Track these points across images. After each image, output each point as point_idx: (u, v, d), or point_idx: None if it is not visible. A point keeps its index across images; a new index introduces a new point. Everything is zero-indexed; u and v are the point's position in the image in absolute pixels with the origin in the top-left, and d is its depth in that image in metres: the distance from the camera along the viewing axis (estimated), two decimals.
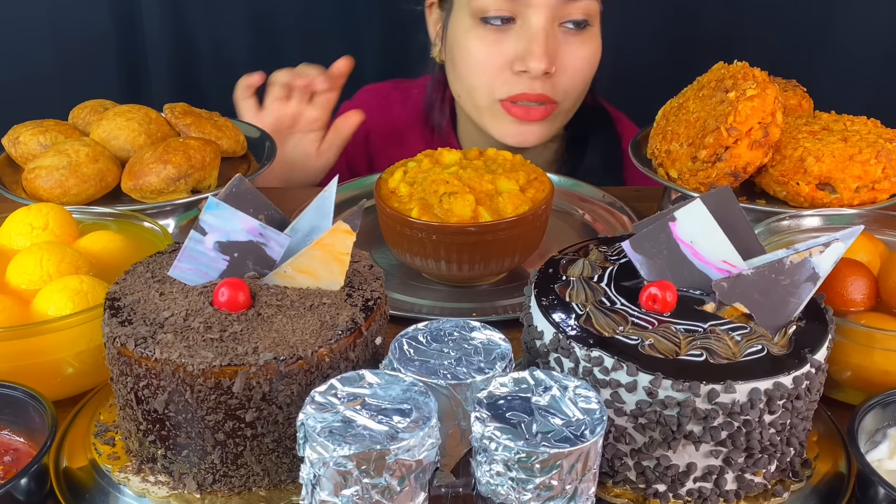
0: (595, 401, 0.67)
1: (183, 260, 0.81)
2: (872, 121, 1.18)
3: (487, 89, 1.41)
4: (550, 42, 1.35)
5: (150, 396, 0.75)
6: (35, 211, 1.05)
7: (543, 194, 1.12)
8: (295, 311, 0.78)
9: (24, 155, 1.25)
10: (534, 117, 1.41)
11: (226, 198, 0.82)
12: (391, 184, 1.13)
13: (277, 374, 0.73)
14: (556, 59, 1.36)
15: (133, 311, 0.78)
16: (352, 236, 0.79)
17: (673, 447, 0.74)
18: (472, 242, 1.07)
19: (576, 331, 0.77)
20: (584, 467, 0.64)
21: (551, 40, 1.36)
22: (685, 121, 1.18)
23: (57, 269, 0.96)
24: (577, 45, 1.38)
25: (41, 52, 1.93)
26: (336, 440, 0.62)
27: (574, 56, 1.39)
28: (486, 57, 1.39)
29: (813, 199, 1.11)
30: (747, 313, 0.78)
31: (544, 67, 1.34)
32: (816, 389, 0.76)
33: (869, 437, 0.83)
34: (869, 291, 0.93)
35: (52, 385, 0.90)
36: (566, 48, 1.38)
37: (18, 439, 0.83)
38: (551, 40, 1.36)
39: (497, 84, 1.40)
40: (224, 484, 0.77)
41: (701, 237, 0.80)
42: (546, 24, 1.35)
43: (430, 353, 0.74)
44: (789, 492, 0.79)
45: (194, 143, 1.20)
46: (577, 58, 1.39)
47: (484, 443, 0.64)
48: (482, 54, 1.39)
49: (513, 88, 1.39)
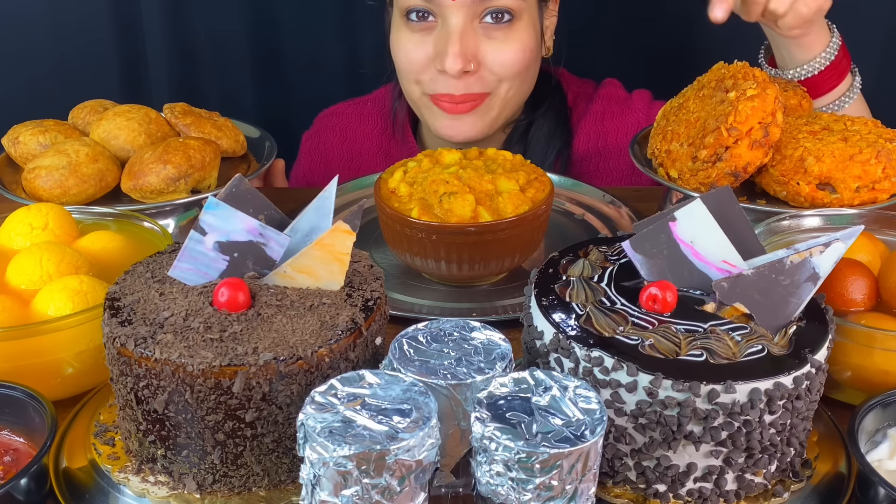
0: (595, 401, 0.67)
1: (183, 260, 0.81)
2: (873, 121, 1.18)
3: (417, 85, 1.43)
4: (468, 41, 1.35)
5: (149, 396, 0.75)
6: (35, 211, 1.05)
7: (543, 194, 1.12)
8: (295, 311, 0.78)
9: (23, 155, 1.25)
10: (461, 110, 1.42)
11: (226, 198, 0.82)
12: (391, 184, 1.13)
13: (277, 374, 0.73)
14: (477, 56, 1.37)
15: (133, 311, 0.78)
16: (352, 236, 0.79)
17: (673, 447, 0.74)
18: (472, 242, 1.07)
19: (576, 331, 0.77)
20: (584, 467, 0.64)
21: (469, 39, 1.35)
22: (685, 121, 1.18)
23: (57, 269, 0.96)
24: (500, 40, 1.38)
25: (41, 52, 1.93)
26: (336, 440, 0.62)
27: (499, 51, 1.38)
28: (412, 55, 1.41)
29: (813, 199, 1.11)
30: (747, 313, 0.78)
31: (459, 67, 1.35)
32: (817, 389, 0.76)
33: (869, 438, 0.83)
34: (869, 291, 0.93)
35: (52, 385, 0.90)
36: (490, 44, 1.37)
37: (18, 439, 0.83)
38: (469, 39, 1.35)
39: (424, 80, 1.42)
40: (224, 484, 0.77)
41: (701, 237, 0.80)
42: (464, 23, 1.35)
43: (430, 354, 0.74)
44: (789, 492, 0.79)
45: (194, 143, 1.20)
46: (503, 52, 1.38)
47: (484, 443, 0.64)
48: (408, 52, 1.41)
49: (437, 87, 1.41)
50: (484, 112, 1.44)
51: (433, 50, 1.38)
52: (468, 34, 1.36)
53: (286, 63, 1.99)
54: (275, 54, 1.98)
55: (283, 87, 2.00)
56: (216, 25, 1.94)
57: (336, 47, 1.98)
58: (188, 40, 1.95)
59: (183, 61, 1.96)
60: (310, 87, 1.99)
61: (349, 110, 1.68)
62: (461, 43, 1.35)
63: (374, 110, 1.65)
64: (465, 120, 1.43)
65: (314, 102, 1.77)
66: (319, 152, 1.67)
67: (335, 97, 1.74)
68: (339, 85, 1.96)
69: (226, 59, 1.97)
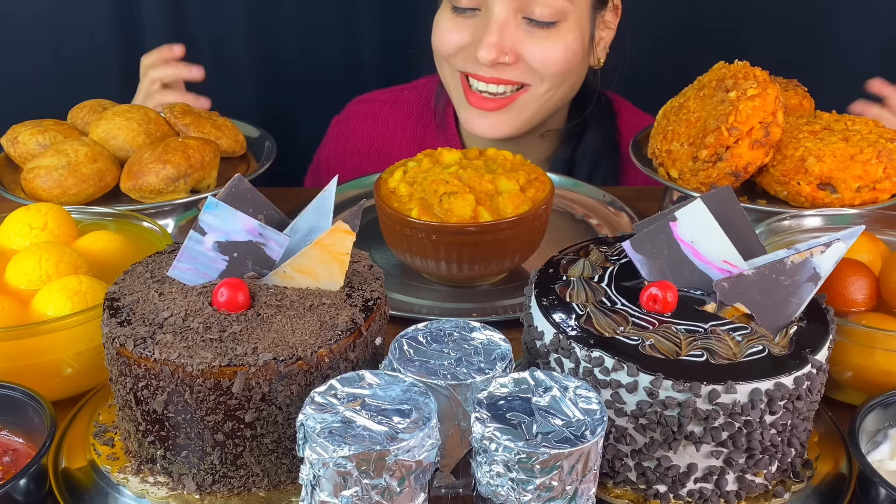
0: (595, 401, 0.67)
1: (182, 260, 0.81)
2: (873, 120, 1.18)
3: (447, 64, 1.44)
4: (507, 33, 1.36)
5: (149, 397, 0.75)
6: (34, 211, 1.04)
7: (543, 194, 1.11)
8: (294, 311, 0.78)
9: (22, 155, 1.25)
10: (489, 107, 1.42)
11: (225, 198, 0.82)
12: (391, 184, 1.13)
13: (277, 374, 0.73)
14: (515, 49, 1.37)
15: (132, 311, 0.78)
16: (351, 236, 0.79)
17: (674, 448, 0.74)
18: (472, 242, 1.07)
19: (576, 331, 0.76)
20: (584, 468, 0.64)
21: (508, 32, 1.36)
22: (686, 120, 1.18)
23: (56, 270, 0.96)
24: (542, 38, 1.38)
25: (41, 51, 1.93)
26: (336, 441, 0.62)
27: (539, 48, 1.38)
28: (448, 36, 1.41)
29: (814, 199, 1.10)
30: (748, 313, 0.78)
31: (492, 57, 1.35)
32: (817, 390, 0.76)
33: (870, 438, 0.83)
34: (870, 291, 0.93)
35: (51, 385, 0.90)
36: (530, 40, 1.38)
37: (17, 440, 0.83)
38: (508, 32, 1.36)
39: (455, 58, 1.43)
40: (223, 485, 0.77)
41: (702, 237, 0.80)
42: (506, 15, 1.35)
43: (430, 354, 0.74)
44: (790, 492, 0.79)
45: (193, 143, 1.20)
46: (543, 49, 1.38)
47: (484, 443, 0.64)
48: (444, 34, 1.42)
49: (467, 66, 1.41)
50: (518, 110, 1.43)
51: (470, 37, 1.39)
52: (508, 26, 1.36)
53: (286, 63, 1.99)
54: (275, 54, 1.97)
55: (283, 87, 2.00)
56: (216, 25, 1.94)
57: (336, 47, 1.97)
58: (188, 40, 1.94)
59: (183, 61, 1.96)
60: (310, 88, 1.98)
61: (383, 97, 1.67)
62: (499, 34, 1.35)
63: (412, 99, 1.65)
64: (493, 117, 1.43)
65: (314, 102, 1.77)
66: (347, 137, 1.66)
67: (335, 97, 1.74)
68: (340, 85, 1.96)
69: (225, 59, 1.97)
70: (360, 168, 1.61)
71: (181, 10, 1.91)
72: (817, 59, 1.91)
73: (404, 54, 1.78)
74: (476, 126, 1.45)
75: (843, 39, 1.89)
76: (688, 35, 1.92)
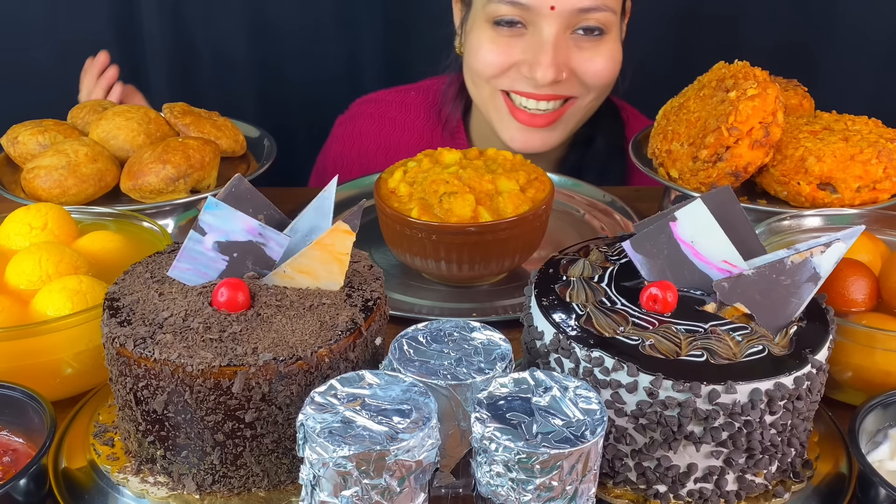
0: (595, 401, 0.67)
1: (182, 260, 0.81)
2: (873, 120, 1.18)
3: (488, 84, 1.42)
4: (561, 51, 1.35)
5: (149, 397, 0.75)
6: (34, 211, 1.04)
7: (543, 194, 1.11)
8: (294, 311, 0.78)
9: (22, 155, 1.25)
10: (538, 123, 1.41)
11: (225, 198, 0.82)
12: (391, 184, 1.13)
13: (277, 374, 0.73)
14: (569, 65, 1.37)
15: (132, 311, 0.78)
16: (351, 236, 0.79)
17: (674, 448, 0.74)
18: (472, 242, 1.07)
19: (576, 331, 0.76)
20: (584, 468, 0.64)
21: (561, 49, 1.35)
22: (686, 120, 1.18)
23: (56, 270, 0.96)
24: (591, 51, 1.38)
25: (41, 52, 1.93)
26: (336, 441, 0.62)
27: (591, 61, 1.38)
28: (492, 57, 1.39)
29: (814, 199, 1.10)
30: (748, 313, 0.78)
31: (552, 78, 1.34)
32: (817, 390, 0.76)
33: (870, 438, 0.83)
34: (870, 292, 0.93)
35: (51, 385, 0.90)
36: (581, 54, 1.37)
37: (17, 440, 0.83)
38: (561, 49, 1.35)
39: (500, 78, 1.41)
40: (223, 485, 0.77)
41: (702, 237, 0.80)
42: (557, 33, 1.34)
43: (430, 354, 0.74)
44: (790, 492, 0.79)
45: (193, 143, 1.20)
46: (594, 62, 1.38)
47: (484, 443, 0.64)
48: (487, 55, 1.40)
49: (516, 85, 1.40)
50: (565, 123, 1.44)
51: (521, 57, 1.37)
52: (561, 44, 1.35)
53: (286, 63, 1.98)
54: (274, 55, 1.97)
55: (283, 87, 2.00)
56: (216, 26, 1.94)
57: (336, 48, 1.97)
58: (188, 40, 1.95)
59: (182, 61, 1.96)
60: (310, 88, 1.98)
61: (389, 97, 1.66)
62: (554, 52, 1.34)
63: (419, 101, 1.64)
64: (537, 134, 1.43)
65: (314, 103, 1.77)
66: (354, 138, 1.65)
67: (335, 98, 1.74)
68: (339, 86, 1.96)
69: (225, 59, 1.97)
70: (367, 170, 1.61)
71: (180, 10, 1.91)
72: (818, 59, 1.91)
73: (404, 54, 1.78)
74: (525, 142, 1.44)
75: (843, 38, 1.89)
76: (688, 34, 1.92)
